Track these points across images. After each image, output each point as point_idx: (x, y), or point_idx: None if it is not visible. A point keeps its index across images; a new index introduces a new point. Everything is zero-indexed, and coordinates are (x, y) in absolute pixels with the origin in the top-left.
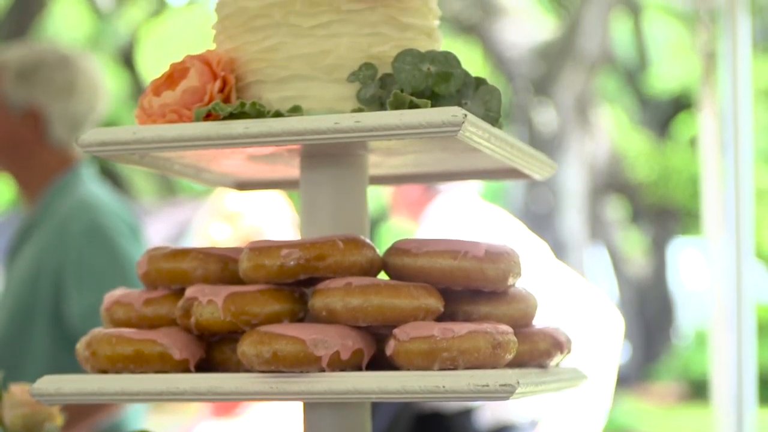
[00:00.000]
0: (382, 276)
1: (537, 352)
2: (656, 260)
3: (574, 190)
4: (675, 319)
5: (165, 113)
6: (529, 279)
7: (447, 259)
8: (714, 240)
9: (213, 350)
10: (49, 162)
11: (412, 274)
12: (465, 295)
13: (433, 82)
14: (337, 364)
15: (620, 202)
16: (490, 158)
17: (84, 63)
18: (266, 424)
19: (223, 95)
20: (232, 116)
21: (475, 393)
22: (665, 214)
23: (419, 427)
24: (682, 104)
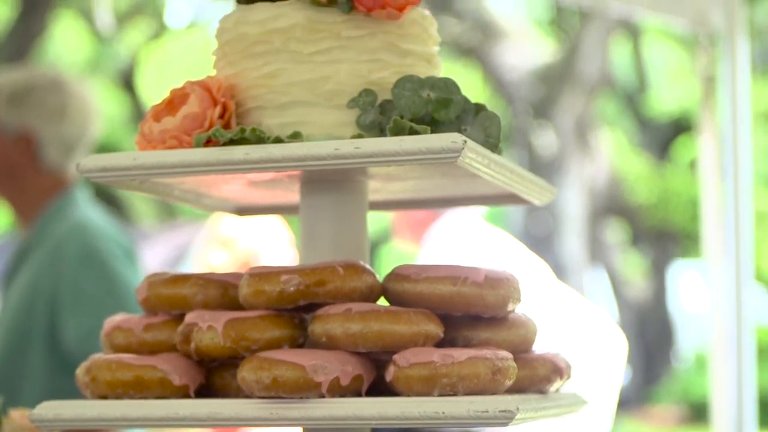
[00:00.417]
0: (382, 301)
1: (537, 378)
2: (656, 283)
3: (574, 212)
4: (675, 342)
5: (165, 139)
6: (533, 301)
7: (447, 284)
8: (714, 263)
9: (213, 376)
10: (43, 185)
11: (411, 299)
12: (465, 321)
13: (433, 109)
14: (337, 390)
15: (620, 225)
16: (489, 184)
17: (76, 86)
18: None
19: (224, 121)
20: (232, 142)
21: (475, 419)
22: (665, 236)
23: None
24: (681, 127)
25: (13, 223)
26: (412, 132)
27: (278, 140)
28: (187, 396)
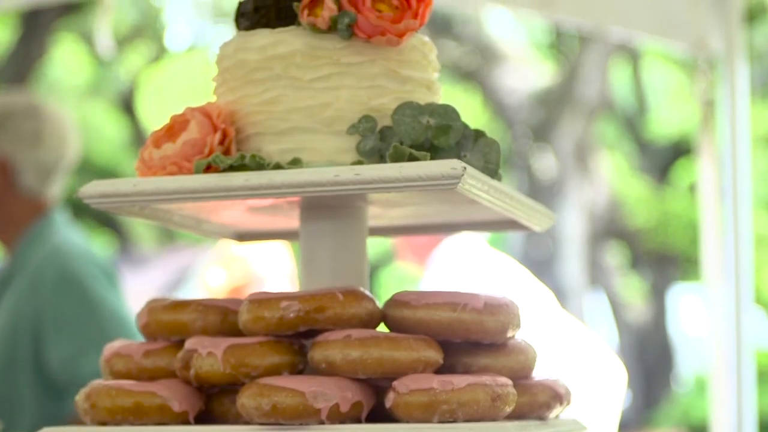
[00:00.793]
0: (382, 328)
1: (536, 404)
2: (656, 306)
3: (574, 236)
4: (675, 365)
5: (165, 165)
6: (534, 326)
7: (446, 311)
8: (713, 286)
9: (212, 402)
10: (21, 211)
11: (411, 326)
12: (464, 347)
13: (433, 135)
14: (337, 417)
15: (619, 248)
16: (489, 210)
17: (51, 112)
18: None
19: (224, 147)
20: (232, 168)
21: None
22: (665, 260)
23: None
24: (681, 150)
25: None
26: (412, 158)
27: (278, 166)
28: (186, 422)
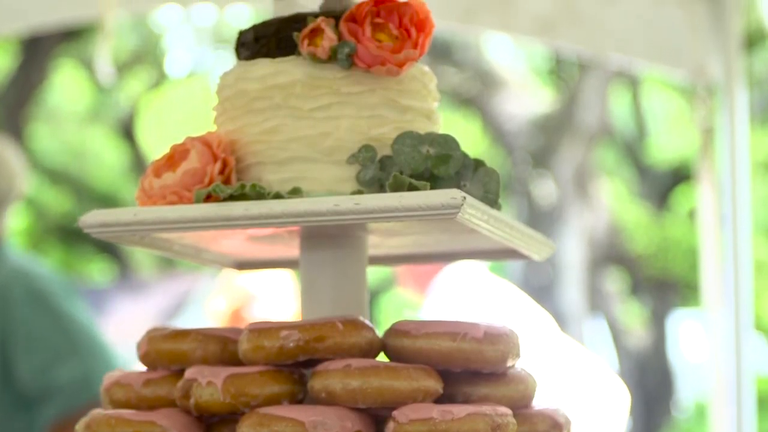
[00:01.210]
0: (382, 357)
1: None
2: (656, 332)
3: (573, 262)
4: (675, 391)
5: (165, 194)
6: (536, 353)
7: (446, 340)
8: (713, 312)
9: (212, 431)
10: None
11: (411, 355)
12: (464, 377)
13: (433, 164)
14: None
15: (619, 274)
16: (489, 239)
17: None
18: None
19: (224, 177)
20: (232, 198)
21: None
22: (664, 286)
23: None
24: (680, 176)
25: None
26: (412, 188)
27: (278, 196)
28: None
